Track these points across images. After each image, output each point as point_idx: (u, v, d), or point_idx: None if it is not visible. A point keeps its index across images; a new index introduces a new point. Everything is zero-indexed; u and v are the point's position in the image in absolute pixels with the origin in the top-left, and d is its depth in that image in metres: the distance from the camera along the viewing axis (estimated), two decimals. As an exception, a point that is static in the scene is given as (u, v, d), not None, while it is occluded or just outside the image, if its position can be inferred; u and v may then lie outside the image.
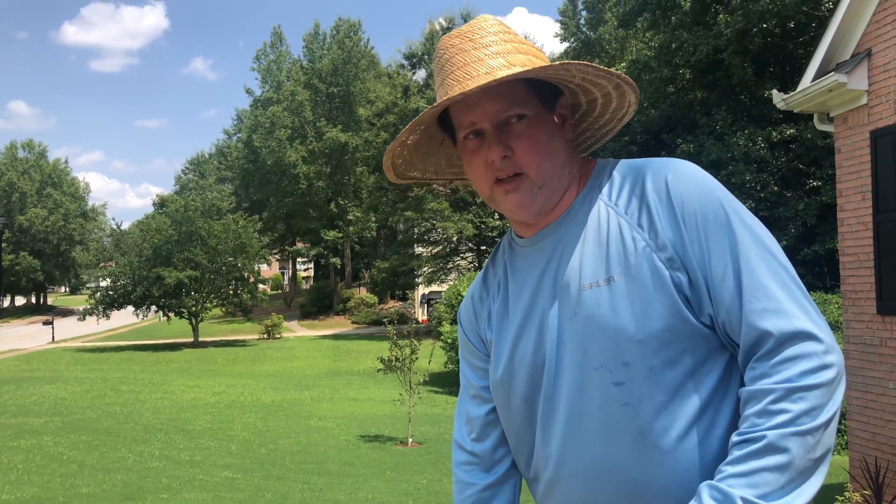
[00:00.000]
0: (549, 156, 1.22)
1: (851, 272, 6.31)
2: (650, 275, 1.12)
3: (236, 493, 7.10)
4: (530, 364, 1.23)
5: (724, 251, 1.10)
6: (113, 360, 27.47)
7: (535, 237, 1.27)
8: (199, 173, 72.31)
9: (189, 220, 32.04)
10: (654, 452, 1.11)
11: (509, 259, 1.33)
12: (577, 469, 1.17)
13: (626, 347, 1.12)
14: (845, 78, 6.00)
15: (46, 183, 66.33)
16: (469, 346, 1.40)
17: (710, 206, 1.12)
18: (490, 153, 1.20)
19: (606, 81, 1.23)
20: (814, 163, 20.40)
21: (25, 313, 64.19)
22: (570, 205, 1.26)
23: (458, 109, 1.23)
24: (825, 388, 1.02)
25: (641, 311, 1.12)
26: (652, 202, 1.16)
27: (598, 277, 1.17)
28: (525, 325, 1.25)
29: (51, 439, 10.02)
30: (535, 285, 1.25)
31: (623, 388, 1.13)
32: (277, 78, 46.92)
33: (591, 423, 1.15)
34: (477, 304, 1.38)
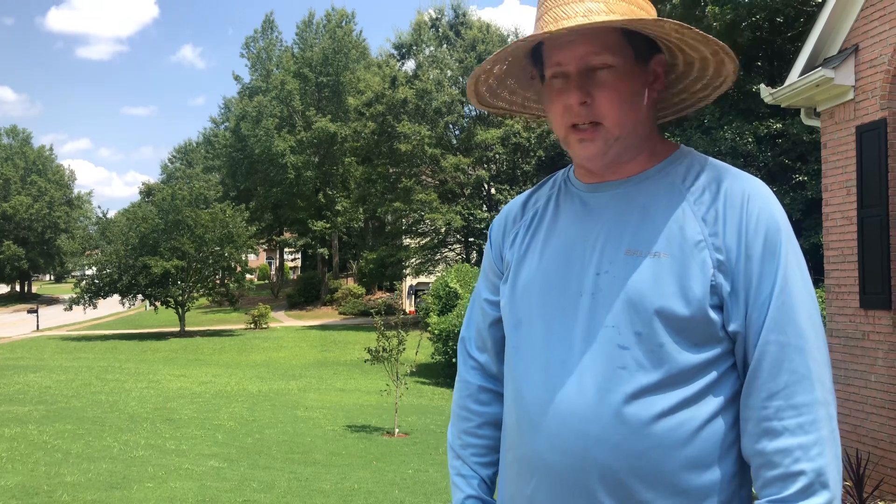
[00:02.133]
0: (630, 110, 1.21)
1: (835, 266, 6.37)
2: (695, 266, 1.16)
3: (222, 483, 7.10)
4: (550, 298, 1.25)
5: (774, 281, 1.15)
6: (98, 349, 27.33)
7: (598, 186, 1.28)
8: (187, 162, 71.84)
9: (176, 208, 31.86)
10: (629, 421, 1.14)
11: (560, 195, 1.34)
12: (559, 411, 1.19)
13: (643, 318, 1.16)
14: (832, 73, 6.04)
15: (31, 170, 65.69)
16: (489, 259, 1.43)
17: (772, 235, 1.17)
18: (569, 97, 1.20)
19: (704, 47, 1.20)
20: (800, 158, 20.54)
21: (10, 301, 63.67)
22: (644, 171, 1.26)
23: (549, 47, 1.23)
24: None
25: (672, 292, 1.15)
26: (724, 205, 1.18)
27: (645, 248, 1.19)
28: (556, 262, 1.26)
29: (35, 428, 9.97)
30: (582, 230, 1.26)
31: (626, 352, 1.16)
32: (267, 66, 46.61)
33: (586, 373, 1.18)
34: (510, 223, 1.40)
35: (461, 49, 33.98)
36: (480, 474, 1.41)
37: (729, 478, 1.15)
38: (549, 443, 1.19)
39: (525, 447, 1.23)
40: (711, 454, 1.14)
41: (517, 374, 1.28)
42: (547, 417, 1.20)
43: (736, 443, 1.16)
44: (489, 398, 1.43)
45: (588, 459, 1.15)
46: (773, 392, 1.11)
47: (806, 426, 1.10)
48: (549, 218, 1.33)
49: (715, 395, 1.15)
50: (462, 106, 33.58)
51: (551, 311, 1.24)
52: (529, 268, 1.30)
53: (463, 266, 24.00)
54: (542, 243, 1.31)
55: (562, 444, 1.18)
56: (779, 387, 1.11)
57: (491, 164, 33.20)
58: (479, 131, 31.47)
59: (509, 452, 1.30)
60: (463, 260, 32.13)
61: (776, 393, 1.11)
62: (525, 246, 1.33)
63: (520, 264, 1.32)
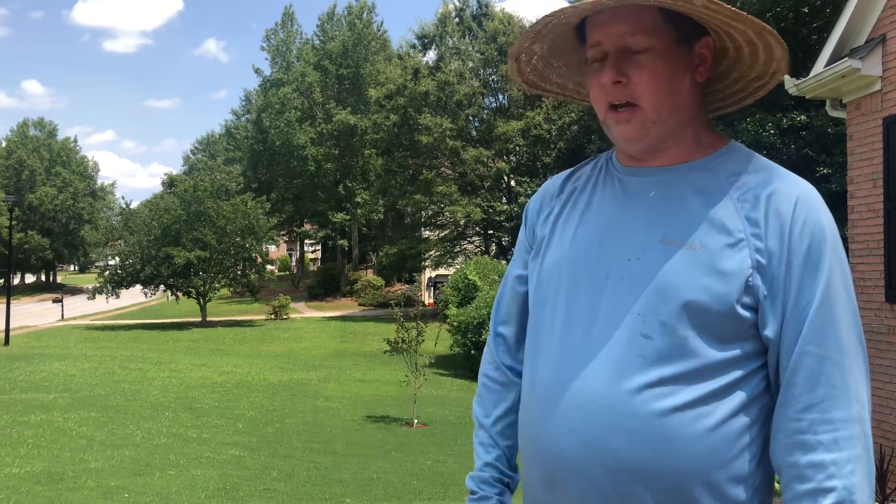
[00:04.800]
0: (669, 92, 1.18)
1: (861, 260, 6.28)
2: (731, 263, 1.13)
3: (243, 471, 7.17)
4: (578, 279, 1.23)
5: (815, 290, 1.12)
6: (121, 339, 27.66)
7: (639, 170, 1.26)
8: (209, 154, 72.35)
9: (198, 200, 32.10)
10: (644, 410, 1.12)
11: (601, 177, 1.32)
12: (572, 394, 1.18)
13: (670, 308, 1.14)
14: (859, 63, 5.94)
15: (55, 161, 66.52)
16: (523, 235, 1.42)
17: (817, 243, 1.14)
18: (603, 76, 1.19)
19: (742, 25, 1.15)
20: (824, 150, 20.27)
21: (35, 291, 64.64)
22: (689, 160, 1.23)
23: (589, 27, 1.22)
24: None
25: (703, 286, 1.13)
26: (771, 207, 1.16)
27: (681, 238, 1.17)
28: (587, 242, 1.25)
29: (60, 415, 10.12)
30: (618, 213, 1.24)
31: (649, 342, 1.14)
32: (287, 58, 46.74)
33: (603, 359, 1.16)
34: (546, 200, 1.38)
35: (482, 41, 33.83)
36: (501, 445, 1.39)
37: (745, 476, 1.13)
38: (560, 426, 1.18)
39: (537, 428, 1.23)
40: (728, 451, 1.12)
41: (536, 352, 1.27)
42: (560, 400, 1.19)
43: (755, 443, 1.14)
44: (513, 374, 1.42)
45: (599, 445, 1.14)
46: (810, 405, 1.10)
47: (841, 442, 1.09)
48: (587, 198, 1.31)
49: (737, 393, 1.13)
50: (483, 98, 33.47)
51: (577, 293, 1.23)
52: (561, 246, 1.28)
53: (482, 258, 23.97)
54: (576, 222, 1.29)
55: (573, 429, 1.16)
56: (815, 400, 1.10)
57: (511, 157, 33.08)
58: (500, 123, 31.35)
59: (524, 431, 1.29)
60: (482, 252, 32.09)
61: (812, 406, 1.10)
62: (559, 223, 1.31)
63: (550, 241, 1.31)
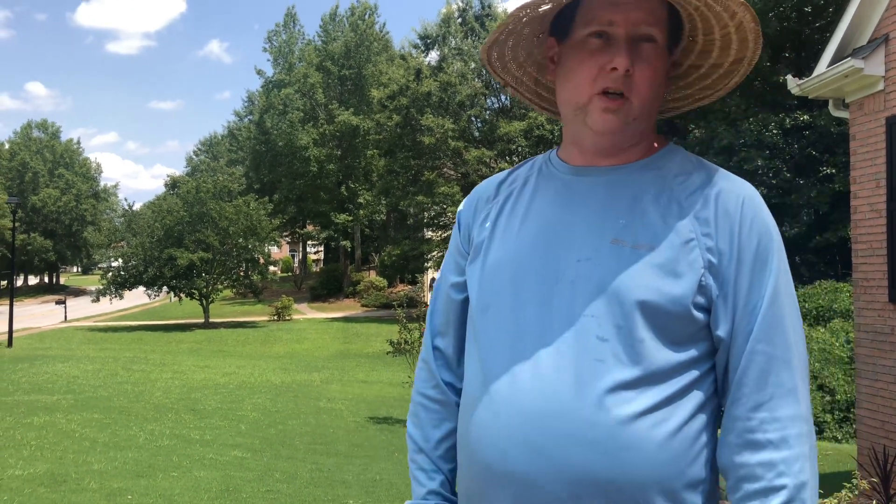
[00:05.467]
0: (655, 93, 1.17)
1: (864, 260, 6.27)
2: (683, 263, 1.12)
3: (246, 473, 7.18)
4: (524, 283, 1.18)
5: (763, 289, 1.13)
6: (124, 340, 27.70)
7: (586, 170, 1.22)
8: (212, 155, 72.44)
9: (201, 201, 32.17)
10: (607, 418, 1.08)
11: (539, 178, 1.28)
12: (530, 405, 1.11)
13: (625, 310, 1.11)
14: (862, 63, 5.93)
15: (59, 163, 66.64)
16: (457, 240, 1.36)
17: (764, 242, 1.15)
18: (615, 61, 1.12)
19: (722, 8, 1.12)
20: (827, 150, 20.23)
21: (38, 292, 64.75)
22: (637, 159, 1.22)
23: (599, 3, 1.14)
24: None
25: (656, 287, 1.11)
26: (719, 207, 1.15)
27: (632, 239, 1.14)
28: (533, 244, 1.20)
29: (63, 416, 10.13)
30: (563, 214, 1.20)
31: (605, 344, 1.10)
32: (289, 59, 46.79)
33: (561, 365, 1.11)
34: (482, 202, 1.32)
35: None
36: (444, 470, 1.31)
37: (699, 482, 1.11)
38: (512, 440, 1.11)
39: (484, 442, 1.15)
40: (685, 457, 1.10)
41: (481, 361, 1.19)
42: (513, 411, 1.12)
43: (708, 447, 1.13)
44: (453, 392, 1.33)
45: (559, 458, 1.08)
46: (759, 403, 1.10)
47: (790, 440, 1.08)
48: (527, 199, 1.26)
49: (692, 396, 1.12)
50: (485, 98, 33.48)
51: (525, 297, 1.17)
52: (503, 249, 1.22)
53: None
54: (518, 224, 1.23)
55: (529, 442, 1.10)
56: (764, 398, 1.10)
57: (514, 157, 33.08)
58: (503, 124, 31.36)
59: (467, 446, 1.20)
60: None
61: (762, 405, 1.10)
62: (498, 226, 1.26)
63: (490, 245, 1.24)
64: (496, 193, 1.32)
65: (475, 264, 1.26)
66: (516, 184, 1.30)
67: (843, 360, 13.39)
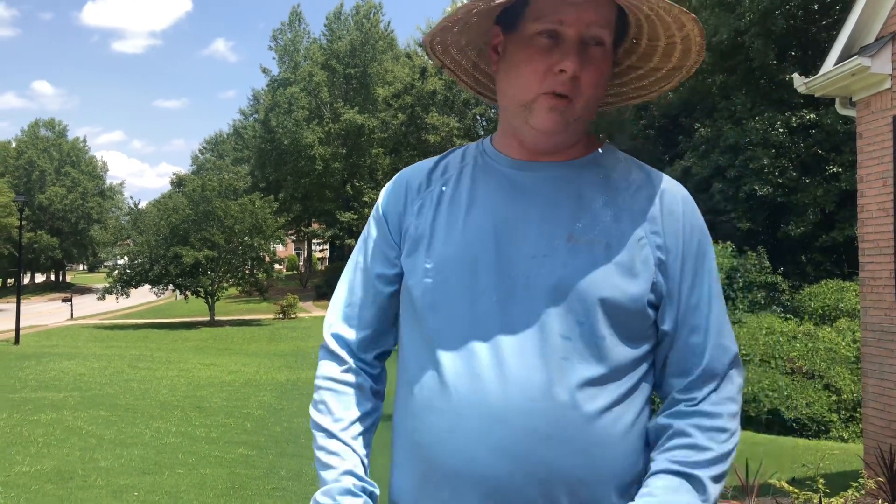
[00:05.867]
0: (598, 95, 1.17)
1: (870, 259, 6.25)
2: (637, 260, 1.14)
3: (251, 470, 7.19)
4: (478, 280, 1.15)
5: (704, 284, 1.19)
6: (130, 338, 27.78)
7: (531, 165, 1.20)
8: (217, 153, 72.58)
9: (206, 199, 32.20)
10: (576, 415, 1.08)
11: (476, 170, 1.24)
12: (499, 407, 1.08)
13: (586, 307, 1.11)
14: (869, 62, 5.91)
15: (65, 161, 66.87)
16: (384, 229, 1.27)
17: (702, 240, 1.21)
18: (565, 64, 1.10)
19: (672, 20, 1.12)
20: (834, 148, 20.15)
21: (45, 290, 64.97)
22: (578, 157, 1.22)
23: (555, 3, 1.11)
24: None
25: (614, 284, 1.12)
26: (665, 205, 1.19)
27: (586, 236, 1.14)
28: (482, 240, 1.16)
29: (70, 414, 10.17)
30: (512, 210, 1.17)
31: (568, 343, 1.10)
32: (295, 58, 46.85)
33: (526, 362, 1.09)
34: (412, 191, 1.26)
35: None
36: (359, 453, 1.21)
37: (641, 475, 1.14)
38: (478, 442, 1.08)
39: (446, 446, 1.11)
40: (637, 450, 1.14)
41: (438, 363, 1.14)
42: (477, 413, 1.08)
43: (645, 441, 1.17)
44: (369, 377, 1.29)
45: (530, 459, 1.07)
46: (701, 386, 1.16)
47: (724, 416, 1.14)
48: (466, 190, 1.21)
49: (641, 390, 1.16)
50: (490, 97, 33.50)
51: (480, 294, 1.14)
52: (449, 243, 1.17)
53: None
54: (462, 217, 1.19)
55: (501, 444, 1.07)
56: (706, 383, 1.16)
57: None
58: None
59: (425, 451, 1.14)
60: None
61: (704, 387, 1.16)
62: (438, 218, 1.20)
63: (433, 237, 1.19)
64: (428, 182, 1.26)
65: (415, 257, 1.20)
66: (449, 173, 1.26)
67: (849, 360, 13.35)
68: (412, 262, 1.21)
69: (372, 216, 1.32)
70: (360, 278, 1.30)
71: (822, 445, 10.57)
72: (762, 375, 13.05)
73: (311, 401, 1.28)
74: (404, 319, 1.24)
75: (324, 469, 1.19)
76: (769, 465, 7.49)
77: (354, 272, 1.31)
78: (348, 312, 1.30)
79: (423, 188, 1.26)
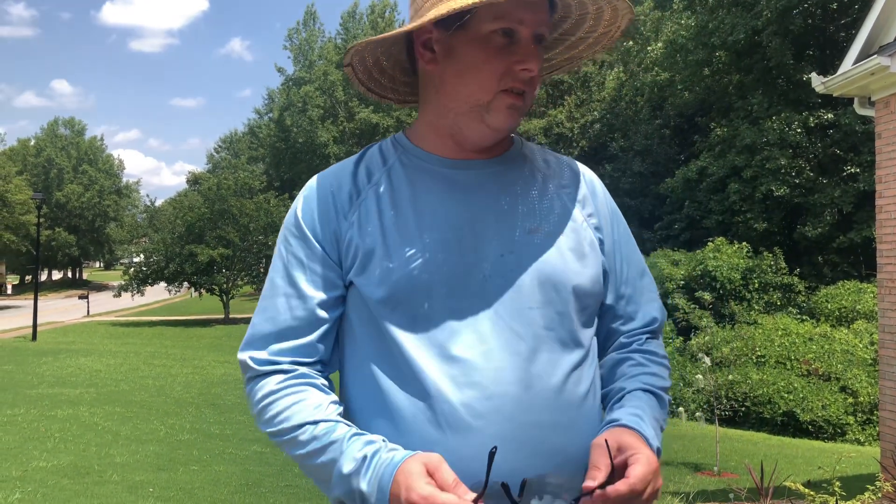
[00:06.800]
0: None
1: (889, 260, 6.18)
2: (587, 245, 1.20)
3: (265, 467, 7.22)
4: (452, 284, 1.11)
5: (634, 250, 1.30)
6: (146, 335, 27.99)
7: (466, 163, 1.19)
8: (233, 152, 72.97)
9: (221, 198, 32.39)
10: (572, 401, 1.14)
11: (407, 171, 1.19)
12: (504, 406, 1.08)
13: (563, 298, 1.15)
14: (888, 61, 5.85)
15: (83, 160, 67.47)
16: (315, 248, 1.16)
17: (619, 213, 1.31)
18: (528, 63, 1.11)
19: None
20: (852, 149, 19.97)
21: (62, 287, 65.61)
22: (504, 152, 1.23)
23: (513, 4, 1.09)
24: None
25: (578, 271, 1.17)
26: (588, 189, 1.26)
27: (541, 227, 1.17)
28: (444, 243, 1.13)
29: (86, 410, 10.26)
30: (463, 209, 1.15)
31: (552, 333, 1.13)
32: (309, 57, 46.99)
33: (520, 359, 1.10)
34: (342, 202, 1.17)
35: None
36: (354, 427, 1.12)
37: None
38: (504, 446, 1.05)
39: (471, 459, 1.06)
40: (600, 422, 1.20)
41: (426, 379, 1.08)
42: (486, 418, 1.07)
43: None
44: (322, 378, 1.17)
45: (545, 448, 1.09)
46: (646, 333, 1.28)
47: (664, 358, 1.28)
48: (406, 194, 1.16)
49: (595, 365, 1.23)
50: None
51: (457, 301, 1.11)
52: (409, 254, 1.12)
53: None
54: (413, 224, 1.14)
55: (517, 441, 1.07)
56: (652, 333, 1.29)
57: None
58: (522, 122, 31.28)
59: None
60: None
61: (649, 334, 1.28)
62: (386, 228, 1.14)
63: (389, 250, 1.13)
64: (357, 191, 1.18)
65: (371, 274, 1.12)
66: (376, 177, 1.19)
67: (866, 362, 13.23)
68: (367, 278, 1.13)
69: (291, 234, 1.19)
70: (291, 306, 1.16)
71: (839, 448, 10.48)
72: (777, 377, 12.95)
73: (264, 424, 1.13)
74: (364, 336, 1.15)
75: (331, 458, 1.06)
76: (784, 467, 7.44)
77: (278, 299, 1.17)
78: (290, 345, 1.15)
79: (356, 196, 1.17)
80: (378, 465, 1.02)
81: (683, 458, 8.61)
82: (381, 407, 1.12)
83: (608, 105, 31.36)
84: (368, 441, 1.06)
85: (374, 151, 1.24)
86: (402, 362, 1.11)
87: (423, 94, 1.22)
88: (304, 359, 1.16)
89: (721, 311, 16.83)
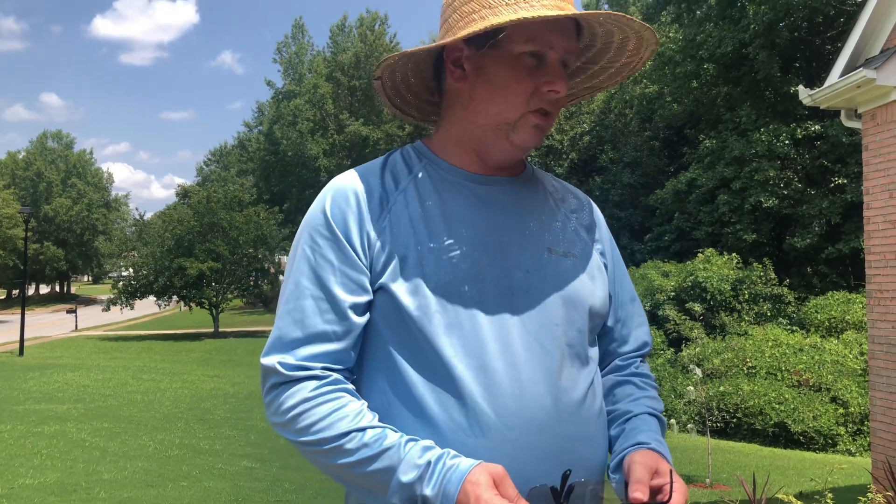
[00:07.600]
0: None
1: (877, 271, 6.22)
2: (597, 268, 1.27)
3: (255, 483, 7.16)
4: (485, 297, 1.14)
5: (626, 275, 1.38)
6: (134, 349, 27.79)
7: (490, 179, 1.22)
8: (222, 165, 72.85)
9: (211, 211, 32.29)
10: (593, 415, 1.21)
11: (434, 182, 1.20)
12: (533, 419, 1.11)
13: (582, 316, 1.21)
14: (874, 74, 5.90)
15: (71, 173, 67.20)
16: (346, 250, 1.14)
17: (614, 241, 1.38)
18: (557, 85, 1.15)
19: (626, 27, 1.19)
20: (839, 160, 20.14)
21: (49, 301, 65.10)
22: (520, 173, 1.28)
23: (545, 28, 1.13)
24: None
25: (592, 292, 1.24)
26: (593, 215, 1.34)
27: (560, 248, 1.23)
28: (478, 257, 1.15)
29: (74, 426, 10.16)
30: (492, 225, 1.18)
31: (573, 350, 1.19)
32: (299, 70, 47.06)
33: (549, 374, 1.14)
34: (374, 208, 1.17)
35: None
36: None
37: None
38: (532, 455, 1.10)
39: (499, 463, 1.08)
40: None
41: (461, 384, 1.10)
42: (521, 429, 1.10)
43: None
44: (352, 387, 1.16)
45: (570, 460, 1.13)
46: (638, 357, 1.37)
47: (654, 381, 1.36)
48: (438, 207, 1.18)
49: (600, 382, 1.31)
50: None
51: (488, 311, 1.13)
52: (442, 263, 1.13)
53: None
54: (445, 233, 1.15)
55: (547, 454, 1.11)
56: (643, 357, 1.38)
57: (523, 167, 33.05)
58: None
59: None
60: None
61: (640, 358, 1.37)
62: (419, 236, 1.15)
63: (423, 258, 1.13)
64: (386, 196, 1.18)
65: (406, 280, 1.13)
66: (403, 184, 1.20)
67: (856, 372, 13.27)
68: (402, 285, 1.12)
69: (319, 235, 1.16)
70: (321, 309, 1.13)
71: (830, 459, 10.50)
72: (768, 388, 12.97)
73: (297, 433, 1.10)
74: (394, 342, 1.14)
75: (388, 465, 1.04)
76: (776, 478, 7.44)
77: (305, 301, 1.14)
78: (313, 353, 1.12)
79: (385, 202, 1.18)
80: (442, 472, 1.02)
81: (675, 470, 8.59)
82: (414, 413, 1.11)
83: (597, 117, 31.53)
84: (426, 447, 1.05)
85: (396, 158, 1.26)
86: (437, 369, 1.11)
87: (449, 110, 1.25)
88: (336, 365, 1.14)
89: (712, 322, 16.87)
